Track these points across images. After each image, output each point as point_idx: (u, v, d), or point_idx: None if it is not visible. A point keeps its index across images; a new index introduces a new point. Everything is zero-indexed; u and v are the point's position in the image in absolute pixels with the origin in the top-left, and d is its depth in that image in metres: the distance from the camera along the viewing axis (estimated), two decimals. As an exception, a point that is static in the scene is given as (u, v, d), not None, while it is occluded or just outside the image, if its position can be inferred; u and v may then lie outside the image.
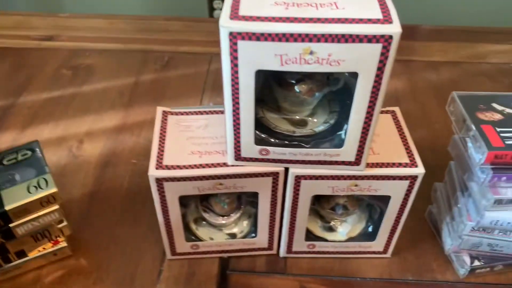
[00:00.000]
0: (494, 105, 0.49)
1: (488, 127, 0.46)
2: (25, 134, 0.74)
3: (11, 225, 0.48)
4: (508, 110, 0.49)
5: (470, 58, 0.95)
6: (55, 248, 0.54)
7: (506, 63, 0.93)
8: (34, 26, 1.03)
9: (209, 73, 0.89)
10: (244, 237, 0.55)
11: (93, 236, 0.59)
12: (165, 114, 0.52)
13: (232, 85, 0.38)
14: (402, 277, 0.54)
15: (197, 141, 0.49)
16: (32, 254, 0.53)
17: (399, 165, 0.46)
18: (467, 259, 0.53)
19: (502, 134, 0.46)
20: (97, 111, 0.79)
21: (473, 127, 0.46)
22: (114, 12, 1.10)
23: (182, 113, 0.52)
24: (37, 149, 0.53)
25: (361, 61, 0.36)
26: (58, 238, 0.54)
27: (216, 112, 0.52)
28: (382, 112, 0.53)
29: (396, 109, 0.53)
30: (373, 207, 0.55)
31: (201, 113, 0.52)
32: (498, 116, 0.48)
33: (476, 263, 0.53)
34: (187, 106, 0.53)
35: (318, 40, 0.34)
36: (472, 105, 0.49)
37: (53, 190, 0.49)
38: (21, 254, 0.52)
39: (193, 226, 0.55)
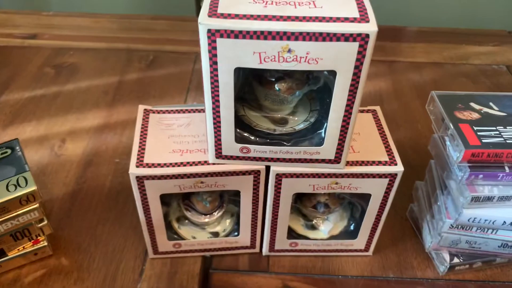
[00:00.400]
0: (472, 104, 0.50)
1: (465, 126, 0.47)
2: (6, 133, 0.73)
3: (-11, 224, 0.47)
4: (485, 110, 0.50)
5: (453, 59, 0.96)
6: (35, 247, 0.53)
7: (488, 65, 0.95)
8: (18, 24, 1.02)
9: (194, 72, 0.89)
10: (227, 235, 0.55)
11: (74, 236, 0.58)
12: (146, 112, 0.52)
13: (212, 83, 0.38)
14: (383, 275, 0.55)
15: (178, 140, 0.49)
16: (11, 254, 0.52)
17: (379, 163, 0.47)
18: (447, 257, 0.54)
19: (479, 133, 0.46)
20: (80, 110, 0.78)
21: (451, 126, 0.47)
22: (99, 11, 1.09)
23: (163, 112, 0.52)
24: (17, 147, 0.52)
25: (339, 59, 0.36)
26: (38, 237, 0.53)
27: (198, 111, 0.52)
28: (363, 111, 0.53)
29: (377, 108, 0.54)
30: (354, 205, 0.56)
31: (183, 111, 0.52)
32: (475, 115, 0.49)
33: (456, 260, 0.54)
34: (169, 105, 0.53)
35: (296, 38, 0.35)
36: (450, 104, 0.50)
37: (33, 188, 0.48)
38: (1, 253, 0.51)
39: (175, 225, 0.55)
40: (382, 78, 0.90)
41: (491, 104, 0.50)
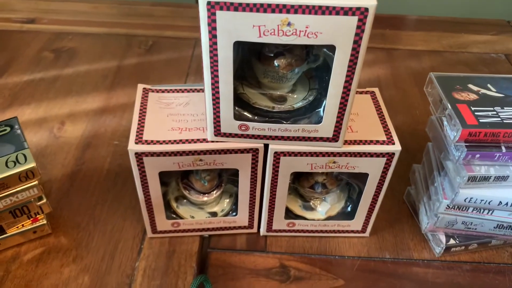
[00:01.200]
0: (470, 86, 0.51)
1: (463, 106, 0.47)
2: (5, 115, 0.73)
3: (-12, 200, 0.48)
4: (483, 91, 0.50)
5: (452, 48, 0.96)
6: (34, 225, 0.54)
7: (486, 53, 0.95)
8: (17, 9, 1.01)
9: (194, 57, 0.89)
10: (225, 215, 0.56)
11: (72, 216, 0.58)
12: (145, 91, 0.52)
13: (211, 57, 0.38)
14: (379, 256, 0.55)
15: (177, 118, 0.49)
16: (11, 231, 0.53)
17: (377, 142, 0.47)
18: (443, 238, 0.55)
19: (476, 113, 0.47)
20: (79, 94, 0.78)
21: (449, 106, 0.47)
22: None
23: (163, 91, 0.52)
24: (16, 126, 0.52)
25: (338, 33, 0.36)
26: (37, 216, 0.54)
27: (197, 90, 0.53)
28: (361, 92, 0.54)
29: (376, 90, 0.54)
30: (352, 186, 0.56)
31: (182, 91, 0.52)
32: (473, 96, 0.49)
33: (452, 241, 0.54)
34: (168, 84, 0.53)
35: (296, 11, 0.35)
36: (448, 85, 0.50)
37: (32, 165, 0.48)
38: (0, 230, 0.52)
39: (174, 205, 0.55)
40: (381, 65, 0.90)
41: (489, 85, 0.51)
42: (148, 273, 0.52)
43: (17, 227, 0.53)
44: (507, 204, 0.49)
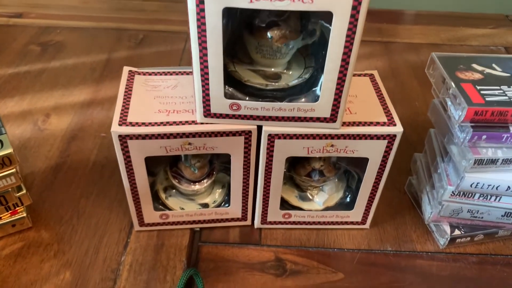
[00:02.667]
0: (474, 65, 0.48)
1: (468, 85, 0.45)
2: (-13, 107, 0.70)
3: (-39, 188, 0.44)
4: (488, 70, 0.47)
5: (450, 41, 0.94)
6: (13, 218, 0.50)
7: (485, 46, 0.93)
8: (4, 3, 0.98)
9: (185, 51, 0.86)
10: (217, 207, 0.52)
11: (55, 209, 0.55)
12: (131, 73, 0.49)
13: (199, 26, 0.36)
14: (380, 248, 0.52)
15: (165, 100, 0.46)
16: (-13, 224, 0.49)
17: (377, 124, 0.44)
18: (447, 228, 0.52)
19: (482, 92, 0.44)
20: (66, 86, 0.75)
21: (453, 85, 0.45)
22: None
23: (150, 73, 0.49)
24: (-6, 111, 0.49)
25: (335, -2, 0.33)
26: (16, 208, 0.50)
27: (186, 73, 0.50)
28: (360, 75, 0.51)
29: (375, 72, 0.51)
30: (351, 175, 0.53)
31: (170, 73, 0.50)
32: (478, 76, 0.46)
33: (457, 232, 0.51)
34: (155, 67, 0.50)
35: (289, -27, 0.32)
36: (452, 65, 0.48)
37: (9, 151, 0.45)
38: (-26, 223, 0.48)
39: (162, 195, 0.52)
40: (379, 57, 0.87)
41: (493, 65, 0.48)
42: (135, 267, 0.49)
43: (-6, 220, 0.49)
44: (515, 189, 0.46)
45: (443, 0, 1.15)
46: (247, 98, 0.42)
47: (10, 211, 0.50)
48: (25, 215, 0.51)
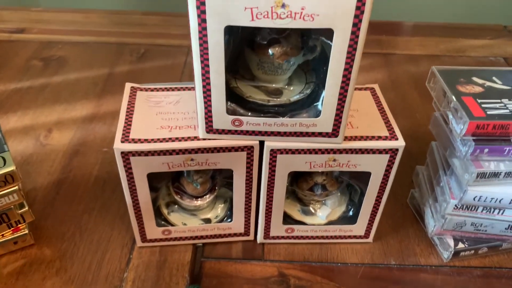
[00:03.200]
0: (475, 78, 0.48)
1: (469, 99, 0.45)
2: (-10, 123, 0.70)
3: (-36, 206, 0.44)
4: (488, 83, 0.48)
5: (450, 52, 0.95)
6: (15, 235, 0.50)
7: (485, 57, 0.93)
8: (6, 19, 0.99)
9: (186, 64, 0.86)
10: (219, 222, 0.52)
11: (57, 225, 0.55)
12: (134, 89, 0.49)
13: (201, 44, 0.36)
14: (384, 262, 0.52)
15: (167, 116, 0.46)
16: (-11, 241, 0.49)
17: (379, 138, 0.44)
18: (451, 242, 0.51)
19: (483, 105, 0.44)
20: (68, 101, 0.76)
21: (454, 99, 0.45)
22: (90, 7, 1.07)
23: (152, 89, 0.50)
24: (-4, 129, 0.49)
25: (336, 15, 0.34)
26: (18, 225, 0.50)
27: (188, 89, 0.50)
28: (361, 89, 0.51)
29: (375, 86, 0.52)
30: (353, 189, 0.53)
31: (172, 89, 0.50)
32: (478, 89, 0.47)
33: (460, 245, 0.51)
34: (158, 83, 0.51)
35: (290, -9, 0.32)
36: (452, 79, 0.48)
37: (11, 168, 0.45)
38: (-24, 240, 0.48)
39: (164, 211, 0.52)
40: (379, 70, 0.88)
41: (494, 78, 0.48)
42: (138, 284, 0.49)
43: (-3, 237, 0.49)
44: (519, 202, 0.46)
45: (441, 11, 1.16)
46: (249, 114, 0.42)
47: (12, 228, 0.50)
48: (27, 232, 0.51)
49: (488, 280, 0.51)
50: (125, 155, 0.43)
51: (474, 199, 0.46)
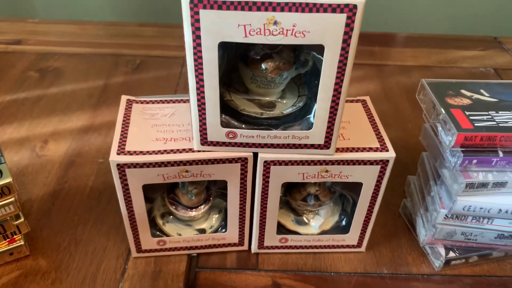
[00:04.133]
0: (463, 91, 0.49)
1: (457, 111, 0.46)
2: (-15, 135, 0.71)
3: (-40, 218, 0.45)
4: (476, 96, 0.49)
5: (441, 63, 0.96)
6: (11, 246, 0.51)
7: (475, 68, 0.95)
8: (2, 31, 1.00)
9: (182, 75, 0.87)
10: (214, 232, 0.53)
11: (53, 236, 0.55)
12: (129, 102, 0.50)
13: (195, 59, 0.37)
14: (377, 271, 0.53)
15: (162, 129, 0.47)
16: (-16, 253, 0.49)
17: (370, 149, 0.45)
18: (442, 251, 0.52)
19: (471, 117, 0.45)
20: (64, 112, 0.76)
21: (443, 111, 0.46)
22: (86, 19, 1.08)
23: (147, 102, 0.51)
24: (-7, 140, 0.50)
25: (326, 32, 0.35)
26: (14, 236, 0.50)
27: (183, 101, 0.51)
28: (352, 101, 0.52)
29: (367, 98, 0.53)
30: (346, 199, 0.54)
31: (167, 101, 0.51)
32: (467, 101, 0.48)
33: (451, 254, 0.52)
34: (153, 95, 0.52)
35: (282, 9, 0.34)
36: (441, 91, 0.49)
37: (8, 180, 0.46)
38: (-28, 252, 0.48)
39: (160, 222, 0.53)
40: (371, 80, 0.89)
41: (482, 91, 0.50)
42: (132, 296, 0.49)
43: (-8, 249, 0.50)
44: (507, 211, 0.47)
45: (433, 23, 1.18)
46: (243, 126, 0.43)
47: (8, 240, 0.50)
48: (22, 243, 0.51)
49: (479, 288, 0.51)
50: (121, 167, 0.43)
51: (463, 209, 0.47)
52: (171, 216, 0.53)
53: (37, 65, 0.89)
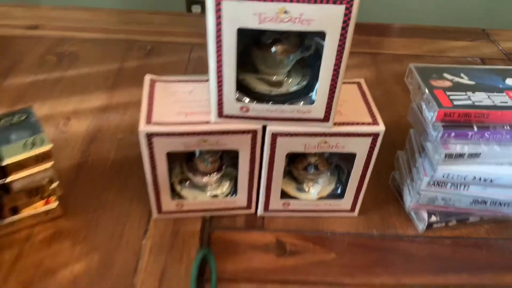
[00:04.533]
0: (445, 75, 0.56)
1: (439, 92, 0.53)
2: (13, 112, 0.77)
3: (7, 179, 0.51)
4: (456, 79, 0.56)
5: (431, 52, 1.03)
6: (47, 207, 0.57)
7: (463, 57, 1.02)
8: (18, 16, 1.06)
9: (190, 60, 0.94)
10: (225, 197, 0.60)
11: (81, 201, 0.62)
12: (153, 81, 0.57)
13: (217, 43, 0.43)
14: (368, 232, 0.60)
15: (183, 104, 0.54)
16: (24, 212, 0.56)
17: (363, 124, 0.52)
18: (425, 215, 0.60)
19: (451, 97, 0.52)
20: (83, 93, 0.83)
21: (427, 91, 0.53)
22: (98, 6, 1.14)
23: (169, 81, 0.57)
24: (32, 114, 0.56)
25: (328, 21, 0.42)
26: (50, 198, 0.57)
27: (202, 81, 0.58)
28: (348, 82, 0.59)
29: (361, 80, 0.60)
30: (341, 169, 0.61)
31: (187, 81, 0.57)
32: (448, 84, 0.55)
33: (433, 218, 0.60)
34: (174, 75, 0.58)
35: (291, 1, 0.40)
36: (426, 75, 0.56)
37: (49, 147, 0.52)
38: (15, 211, 0.55)
39: (177, 188, 0.60)
40: (367, 67, 0.96)
41: (462, 75, 0.57)
42: (154, 250, 0.56)
43: (31, 209, 0.56)
44: (480, 179, 0.54)
45: (425, 15, 1.25)
46: (254, 102, 0.50)
47: (44, 200, 0.57)
48: (57, 203, 0.58)
49: (456, 248, 0.59)
50: (149, 136, 0.50)
51: (443, 176, 0.54)
52: (188, 183, 0.60)
53: (54, 49, 0.95)
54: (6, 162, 0.50)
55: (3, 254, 0.55)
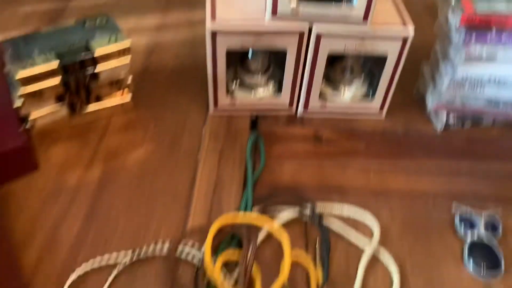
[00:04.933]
0: (471, -12, 0.64)
1: (465, 1, 0.61)
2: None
3: (97, 69, 0.62)
4: (481, -8, 0.63)
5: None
6: (122, 101, 0.68)
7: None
8: None
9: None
10: (271, 98, 0.70)
11: (147, 99, 0.73)
12: (214, -10, 0.66)
13: None
14: (393, 129, 0.70)
15: (241, 7, 0.62)
16: (105, 101, 0.67)
17: (396, 30, 0.61)
18: (444, 116, 0.69)
19: (475, 6, 0.60)
20: (139, 12, 0.92)
21: (453, 1, 0.61)
22: None
23: (226, -9, 0.66)
24: (110, 18, 0.66)
25: None
26: (124, 91, 0.68)
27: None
28: (384, -4, 0.67)
29: (395, -5, 0.67)
30: (373, 76, 0.70)
31: (242, -9, 0.66)
32: (472, -5, 0.62)
33: (451, 119, 0.69)
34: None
35: None
36: (454, -12, 0.64)
37: (128, 42, 0.63)
38: (98, 98, 0.66)
39: (231, 87, 0.70)
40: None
41: (486, -12, 0.64)
42: (213, 136, 0.67)
43: (110, 100, 0.68)
44: (494, 80, 0.63)
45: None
46: (304, 3, 0.59)
47: (121, 91, 0.68)
48: (130, 95, 0.69)
49: (470, 143, 0.69)
50: (214, 34, 0.60)
51: (462, 78, 0.63)
52: (239, 84, 0.70)
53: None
54: (97, 53, 0.61)
55: (90, 134, 0.66)
